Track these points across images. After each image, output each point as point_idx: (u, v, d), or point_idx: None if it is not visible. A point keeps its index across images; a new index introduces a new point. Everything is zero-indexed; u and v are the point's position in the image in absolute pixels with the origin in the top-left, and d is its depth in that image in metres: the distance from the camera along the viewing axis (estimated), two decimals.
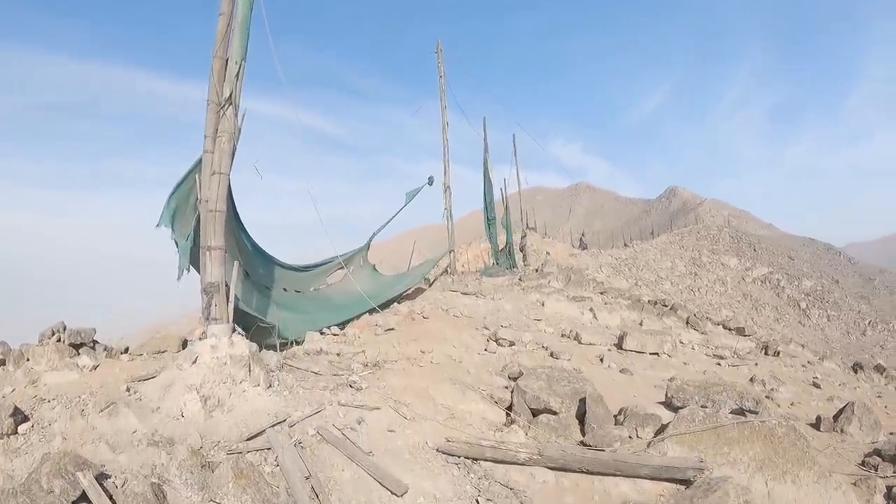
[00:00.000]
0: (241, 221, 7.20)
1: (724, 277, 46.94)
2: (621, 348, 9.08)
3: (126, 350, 6.10)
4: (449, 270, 12.93)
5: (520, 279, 13.04)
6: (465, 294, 10.78)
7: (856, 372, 12.31)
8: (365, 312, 8.46)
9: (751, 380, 8.59)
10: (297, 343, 6.75)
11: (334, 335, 7.45)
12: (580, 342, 9.07)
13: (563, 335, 9.51)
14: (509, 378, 6.19)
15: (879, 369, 12.68)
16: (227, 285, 4.94)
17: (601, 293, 14.98)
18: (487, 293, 10.99)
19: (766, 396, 7.47)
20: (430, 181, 11.73)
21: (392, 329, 7.68)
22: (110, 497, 3.14)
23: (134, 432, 3.94)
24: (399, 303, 9.39)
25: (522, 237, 20.25)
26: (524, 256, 19.98)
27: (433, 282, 12.25)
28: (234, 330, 4.85)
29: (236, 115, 5.13)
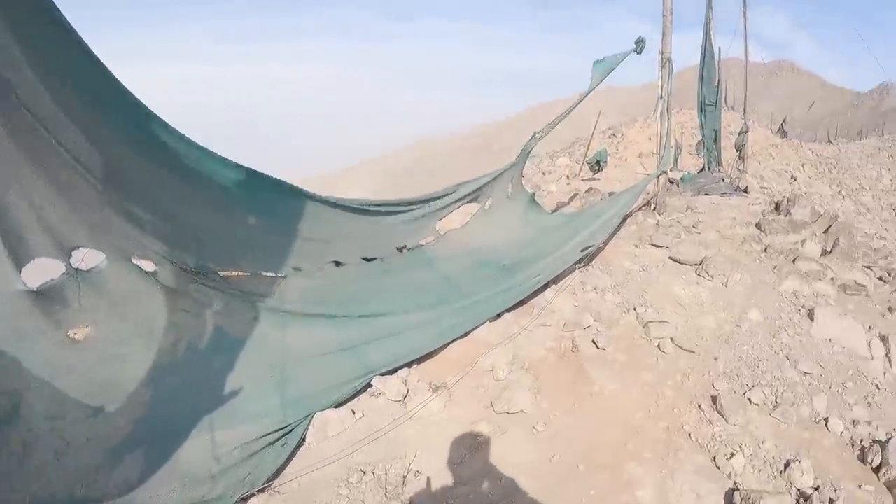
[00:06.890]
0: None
1: None
2: None
3: None
4: (653, 204, 7.40)
5: (757, 225, 7.39)
6: (679, 262, 5.67)
7: None
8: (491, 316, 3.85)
9: None
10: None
11: (393, 397, 3.01)
12: None
13: (866, 460, 4.37)
14: None
15: None
16: None
17: (868, 267, 9.09)
18: (715, 268, 5.76)
19: None
20: (639, 47, 6.57)
21: (518, 413, 3.09)
22: None
23: None
24: (557, 281, 4.57)
25: (742, 132, 13.11)
26: (741, 158, 13.26)
27: (626, 219, 7.01)
28: None
29: None
